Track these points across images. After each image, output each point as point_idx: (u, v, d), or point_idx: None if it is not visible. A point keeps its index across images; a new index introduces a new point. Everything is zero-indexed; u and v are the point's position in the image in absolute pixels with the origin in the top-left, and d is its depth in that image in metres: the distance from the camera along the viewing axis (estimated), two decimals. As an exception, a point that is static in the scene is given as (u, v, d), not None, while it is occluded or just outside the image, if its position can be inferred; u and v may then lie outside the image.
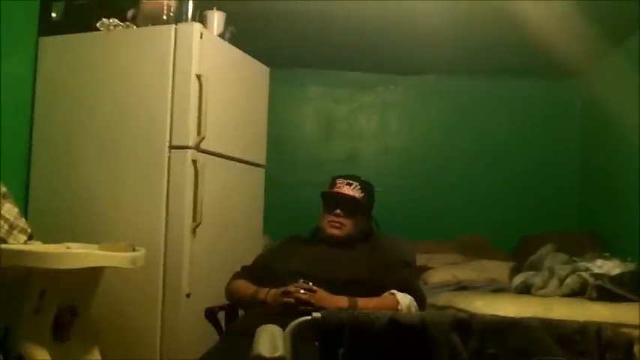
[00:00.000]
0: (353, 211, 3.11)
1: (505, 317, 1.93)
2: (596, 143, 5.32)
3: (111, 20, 3.56)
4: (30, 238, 3.02)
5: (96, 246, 2.88)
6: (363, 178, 3.21)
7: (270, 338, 1.61)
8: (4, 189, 2.99)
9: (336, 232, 3.09)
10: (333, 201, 3.14)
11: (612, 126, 4.99)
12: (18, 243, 2.95)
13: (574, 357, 1.86)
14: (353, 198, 3.11)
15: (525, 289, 3.75)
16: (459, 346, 1.83)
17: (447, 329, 1.84)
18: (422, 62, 5.47)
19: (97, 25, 3.56)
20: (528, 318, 1.92)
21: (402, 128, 5.71)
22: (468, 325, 1.86)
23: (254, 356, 1.52)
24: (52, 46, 3.66)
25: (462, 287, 4.14)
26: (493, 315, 1.93)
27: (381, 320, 1.85)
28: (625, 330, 2.06)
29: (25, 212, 3.44)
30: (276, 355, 1.51)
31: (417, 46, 5.13)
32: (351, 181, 3.16)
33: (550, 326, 1.89)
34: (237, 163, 3.86)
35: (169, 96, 3.38)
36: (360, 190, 3.15)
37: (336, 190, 3.16)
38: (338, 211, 3.10)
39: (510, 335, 1.87)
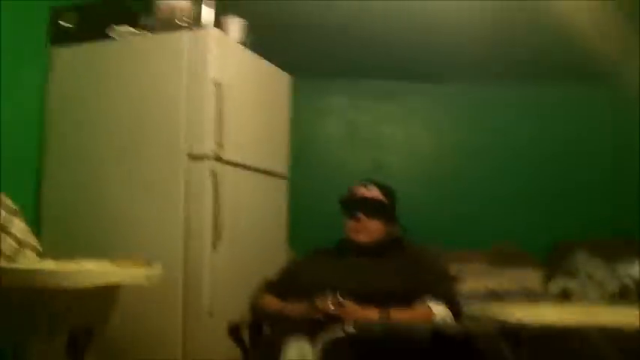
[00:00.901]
0: (374, 212, 3.03)
1: (556, 325, 1.77)
2: (629, 147, 5.16)
3: (124, 27, 3.44)
4: (39, 255, 2.90)
5: (108, 262, 2.74)
6: (380, 182, 3.13)
7: (299, 354, 1.45)
8: (13, 205, 2.88)
9: (361, 237, 3.00)
10: (352, 206, 3.06)
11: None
12: (28, 261, 2.82)
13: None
14: (372, 198, 3.04)
15: (564, 296, 3.60)
16: (508, 357, 1.68)
17: (495, 340, 1.68)
18: (447, 70, 5.34)
19: (110, 33, 3.45)
20: (582, 325, 1.76)
21: (428, 137, 5.59)
22: (517, 334, 1.71)
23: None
24: (65, 55, 3.55)
25: (494, 296, 3.99)
26: (544, 323, 1.76)
27: (421, 331, 1.70)
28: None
29: (36, 227, 3.32)
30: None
31: (442, 54, 5.01)
32: (368, 185, 3.10)
33: (607, 333, 1.74)
34: (259, 174, 3.73)
35: (186, 104, 3.26)
36: (378, 192, 3.07)
37: (353, 194, 3.08)
38: (359, 214, 3.00)
39: (564, 344, 1.71)
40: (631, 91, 5.05)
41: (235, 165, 3.45)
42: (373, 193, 3.05)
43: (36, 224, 3.35)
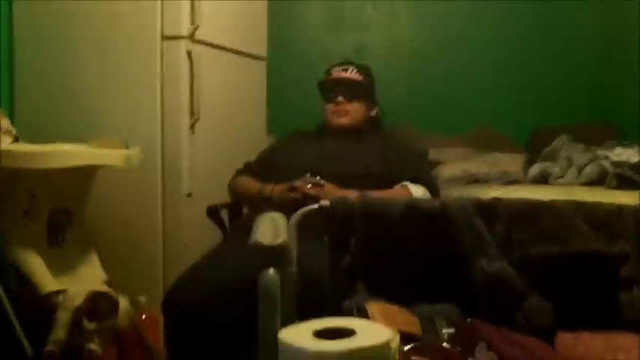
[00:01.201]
0: (354, 94, 2.97)
1: (533, 200, 1.77)
2: (616, 31, 5.09)
3: None
4: (16, 139, 2.86)
5: (84, 144, 2.72)
6: (358, 63, 3.07)
7: (272, 226, 1.44)
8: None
9: (341, 120, 2.95)
10: (331, 89, 3.00)
11: (634, 15, 4.75)
12: (4, 144, 2.78)
13: (608, 240, 1.72)
14: (351, 80, 2.98)
15: (542, 179, 3.60)
16: (483, 232, 1.68)
17: (470, 214, 1.68)
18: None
19: None
20: (558, 200, 1.76)
21: (412, 17, 5.45)
22: (493, 209, 1.71)
23: (251, 243, 1.34)
24: None
25: (474, 181, 3.99)
26: (519, 198, 1.76)
27: (397, 207, 1.69)
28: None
29: (10, 114, 3.27)
30: (277, 241, 1.33)
31: None
32: (346, 67, 3.03)
33: (583, 209, 1.74)
34: (236, 55, 3.66)
35: (159, -18, 3.15)
36: (357, 73, 3.00)
37: (332, 76, 3.01)
38: (339, 97, 2.95)
39: (539, 219, 1.71)
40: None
41: (212, 46, 3.37)
42: (352, 74, 2.98)
43: (10, 110, 3.31)
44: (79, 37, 3.28)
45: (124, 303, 2.67)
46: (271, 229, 1.40)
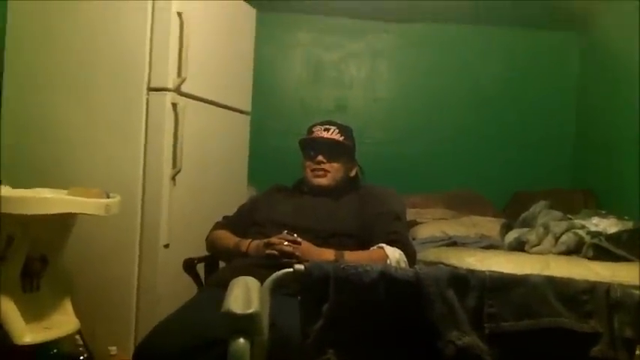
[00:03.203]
0: (334, 155, 2.96)
1: (506, 274, 1.78)
2: (593, 98, 5.17)
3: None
4: (-3, 183, 2.86)
5: (65, 192, 2.72)
6: (340, 122, 3.07)
7: (245, 292, 1.44)
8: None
9: (321, 181, 2.95)
10: (312, 147, 2.99)
11: (610, 81, 4.84)
12: (-16, 187, 2.79)
13: (580, 317, 1.73)
14: (332, 140, 2.97)
15: (519, 246, 3.61)
16: (455, 304, 1.69)
17: (443, 285, 1.69)
18: (413, 9, 5.26)
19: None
20: (532, 275, 1.77)
21: (392, 78, 5.54)
22: (466, 281, 1.72)
23: (224, 312, 1.35)
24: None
25: (451, 243, 4.00)
26: (492, 271, 1.77)
27: (371, 274, 1.70)
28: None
29: (-6, 157, 3.27)
30: (249, 311, 1.33)
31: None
32: (328, 126, 3.02)
33: (556, 284, 1.75)
34: (220, 109, 3.70)
35: (148, 34, 3.20)
36: (338, 134, 3.00)
37: (314, 135, 3.02)
38: (320, 157, 2.94)
39: (512, 293, 1.72)
40: (598, 39, 5.05)
41: (197, 98, 3.41)
42: (333, 134, 2.98)
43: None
44: (65, 84, 3.31)
45: None
46: (244, 294, 1.41)
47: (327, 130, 3.00)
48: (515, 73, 5.42)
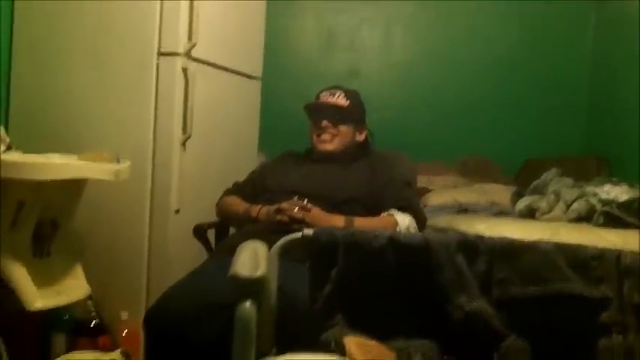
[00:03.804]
0: (340, 119, 2.95)
1: (516, 240, 1.78)
2: (607, 67, 5.11)
3: None
4: (9, 148, 2.87)
5: (76, 156, 2.72)
6: (346, 87, 3.06)
7: (252, 256, 1.44)
8: (-20, 96, 2.84)
9: (327, 146, 2.94)
10: (317, 113, 2.99)
11: (624, 51, 4.79)
12: (-5, 152, 2.79)
13: (590, 283, 1.72)
14: (336, 105, 2.96)
15: (529, 214, 3.60)
16: (464, 269, 1.69)
17: (452, 250, 1.69)
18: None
19: None
20: (541, 241, 1.77)
21: (406, 44, 5.48)
22: (475, 246, 1.72)
23: (230, 275, 1.35)
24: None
25: (462, 210, 4.00)
26: (502, 237, 1.77)
27: (380, 239, 1.70)
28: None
29: (5, 121, 3.30)
30: (256, 275, 1.33)
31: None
32: (334, 91, 3.01)
33: (566, 251, 1.75)
34: (231, 74, 3.67)
35: (158, -1, 3.16)
36: (344, 98, 2.98)
37: (318, 101, 3.01)
38: (324, 122, 2.94)
39: (521, 259, 1.72)
40: (616, 12, 5.00)
41: (207, 63, 3.38)
42: (338, 99, 2.97)
43: (4, 119, 3.32)
44: (76, 49, 3.29)
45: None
46: (252, 259, 1.41)
47: (333, 94, 2.99)
48: (529, 42, 5.36)
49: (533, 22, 5.34)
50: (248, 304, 1.27)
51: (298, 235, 1.69)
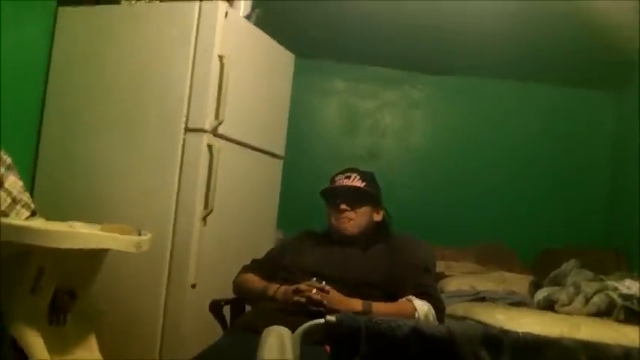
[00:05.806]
0: (358, 201, 2.94)
1: (540, 336, 1.76)
2: (627, 160, 5.14)
3: (133, -7, 3.41)
4: (33, 214, 2.91)
5: (99, 226, 2.73)
6: (361, 169, 3.06)
7: (279, 342, 1.44)
8: (9, 161, 2.89)
9: (346, 228, 2.92)
10: (334, 196, 2.98)
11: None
12: (20, 218, 2.82)
13: (613, 384, 1.70)
14: (354, 188, 2.95)
15: (548, 305, 3.57)
16: (487, 363, 1.67)
17: (476, 344, 1.67)
18: (451, 62, 5.32)
19: (119, -4, 3.43)
20: (565, 338, 1.75)
21: (427, 129, 5.56)
22: (499, 341, 1.70)
23: None
24: (71, 16, 3.52)
25: (479, 298, 3.97)
26: (526, 332, 1.75)
27: (403, 328, 1.68)
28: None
29: (31, 186, 3.34)
30: (284, 360, 1.32)
31: (446, 45, 4.99)
32: (349, 174, 3.01)
33: (589, 349, 1.72)
34: (255, 152, 3.71)
35: (189, 75, 3.23)
36: (360, 180, 2.98)
37: (334, 184, 3.01)
38: (343, 205, 2.92)
39: (545, 355, 1.70)
40: (635, 102, 5.03)
41: (232, 141, 3.43)
42: (354, 182, 2.97)
43: (30, 183, 3.35)
44: (104, 120, 3.37)
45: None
46: (278, 344, 1.40)
47: (349, 177, 2.99)
48: (549, 130, 5.41)
49: (553, 111, 5.40)
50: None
51: (321, 321, 1.67)
